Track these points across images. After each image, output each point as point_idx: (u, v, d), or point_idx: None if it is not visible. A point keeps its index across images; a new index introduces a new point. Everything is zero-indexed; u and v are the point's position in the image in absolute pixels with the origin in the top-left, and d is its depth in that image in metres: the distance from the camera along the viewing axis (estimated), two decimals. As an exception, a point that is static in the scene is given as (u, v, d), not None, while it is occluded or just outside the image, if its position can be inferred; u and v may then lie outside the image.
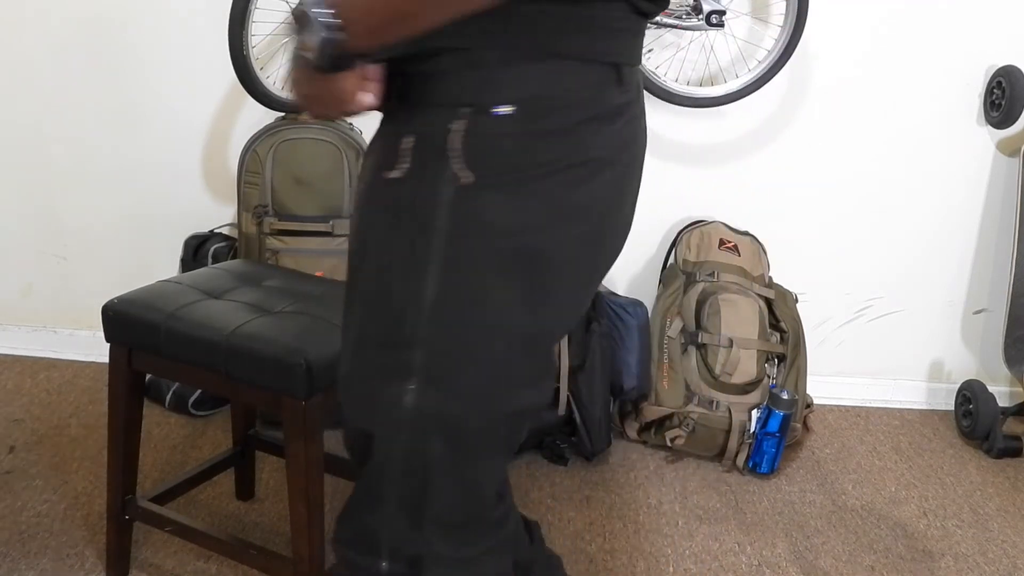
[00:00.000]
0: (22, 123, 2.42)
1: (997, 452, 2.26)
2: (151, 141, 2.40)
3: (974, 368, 2.56)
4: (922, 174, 2.38)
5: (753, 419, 2.11)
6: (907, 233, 2.44)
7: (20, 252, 2.53)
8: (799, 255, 2.44)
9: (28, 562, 1.67)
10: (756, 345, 2.17)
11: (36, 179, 2.46)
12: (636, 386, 2.14)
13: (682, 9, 2.06)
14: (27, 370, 2.47)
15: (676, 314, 2.24)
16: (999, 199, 2.39)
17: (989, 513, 2.03)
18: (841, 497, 2.06)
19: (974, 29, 2.25)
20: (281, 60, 2.22)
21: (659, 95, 2.16)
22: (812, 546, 1.87)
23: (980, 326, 2.53)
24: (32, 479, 1.94)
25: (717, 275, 2.26)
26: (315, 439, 1.36)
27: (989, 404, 2.29)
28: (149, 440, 2.11)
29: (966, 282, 2.49)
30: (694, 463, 2.18)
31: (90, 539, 1.74)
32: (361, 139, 2.17)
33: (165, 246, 2.46)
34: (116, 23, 2.30)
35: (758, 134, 2.35)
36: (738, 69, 2.24)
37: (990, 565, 1.83)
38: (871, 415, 2.50)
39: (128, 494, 1.56)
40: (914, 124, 2.33)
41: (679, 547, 1.83)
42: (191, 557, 1.69)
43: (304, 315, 1.42)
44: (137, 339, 1.44)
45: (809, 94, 2.32)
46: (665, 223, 2.44)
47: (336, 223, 2.08)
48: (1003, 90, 2.21)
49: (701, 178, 2.39)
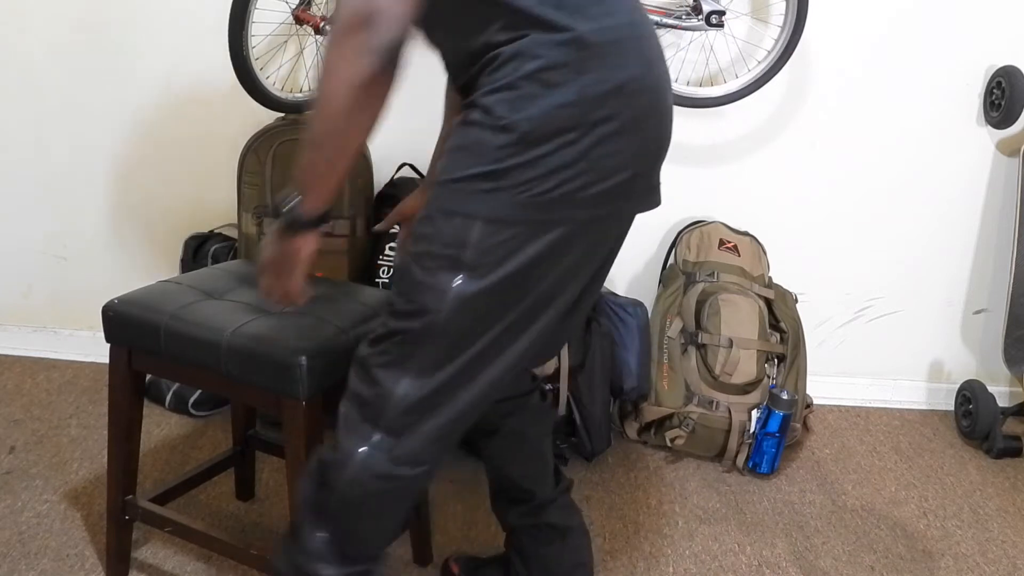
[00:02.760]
0: (22, 123, 2.42)
1: (997, 452, 2.26)
2: (151, 141, 2.40)
3: (974, 368, 2.56)
4: (922, 174, 2.38)
5: (753, 419, 2.11)
6: (907, 233, 2.44)
7: (20, 252, 2.53)
8: (799, 255, 2.44)
9: (28, 562, 1.67)
10: (756, 345, 2.17)
11: (36, 179, 2.46)
12: (636, 386, 2.14)
13: (682, 9, 2.06)
14: (27, 370, 2.47)
15: (676, 314, 2.24)
16: (999, 199, 2.39)
17: (989, 513, 2.03)
18: (841, 497, 2.06)
19: (974, 29, 2.25)
20: (281, 60, 2.22)
21: (659, 95, 2.16)
22: (812, 546, 1.87)
23: (980, 326, 2.53)
24: (32, 479, 1.94)
25: (717, 275, 2.26)
26: (315, 439, 1.36)
27: (989, 404, 2.29)
28: (149, 440, 2.11)
29: (966, 282, 2.49)
30: (694, 463, 2.18)
31: (90, 539, 1.74)
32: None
33: (165, 246, 2.46)
34: (116, 23, 2.30)
35: (758, 134, 2.35)
36: (738, 69, 2.24)
37: (990, 565, 1.83)
38: (871, 415, 2.50)
39: (128, 494, 1.56)
40: (914, 124, 2.33)
41: (679, 547, 1.83)
42: (191, 557, 1.69)
43: (304, 315, 1.42)
44: (137, 339, 1.44)
45: (809, 94, 2.32)
46: (665, 223, 2.44)
47: (336, 223, 2.08)
48: (1003, 90, 2.21)
49: (701, 178, 2.39)
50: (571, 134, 1.02)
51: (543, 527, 1.47)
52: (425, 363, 1.12)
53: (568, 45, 1.01)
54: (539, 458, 1.48)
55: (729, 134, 2.35)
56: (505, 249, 1.05)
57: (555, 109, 1.01)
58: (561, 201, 1.04)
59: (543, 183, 1.03)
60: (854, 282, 2.49)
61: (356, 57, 0.99)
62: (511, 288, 1.08)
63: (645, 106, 1.07)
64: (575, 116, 1.02)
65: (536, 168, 1.02)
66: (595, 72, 1.02)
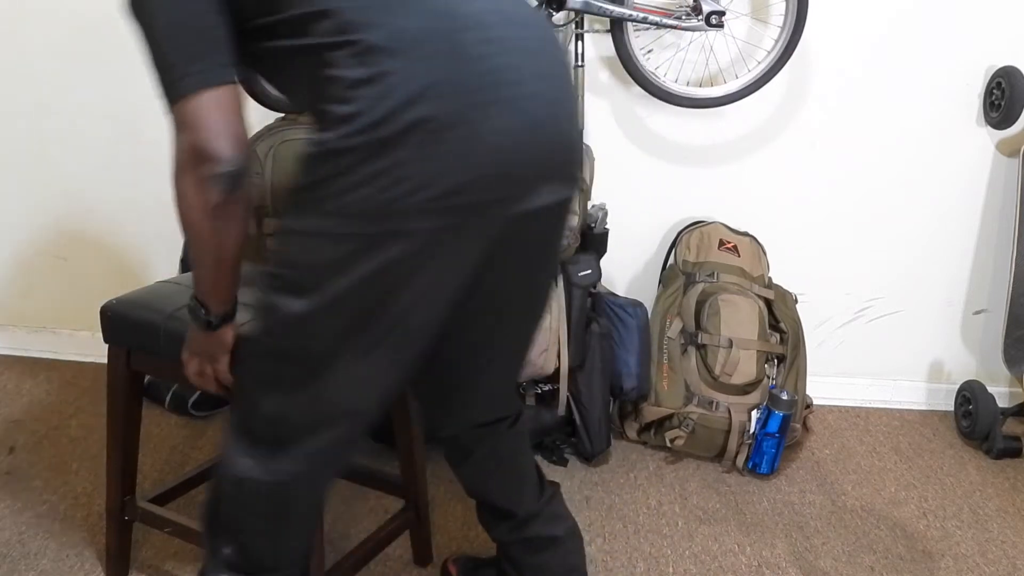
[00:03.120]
0: (22, 123, 2.42)
1: (997, 453, 2.25)
2: (151, 141, 2.40)
3: (974, 368, 2.56)
4: (922, 174, 2.38)
5: (753, 420, 2.11)
6: (907, 233, 2.44)
7: (20, 252, 2.53)
8: (799, 255, 2.44)
9: (28, 562, 1.67)
10: (756, 346, 2.17)
11: (36, 179, 2.46)
12: (636, 386, 2.14)
13: (682, 10, 2.06)
14: (27, 370, 2.47)
15: (676, 315, 2.24)
16: (999, 199, 2.39)
17: (989, 514, 2.03)
18: (841, 498, 2.06)
19: (974, 30, 2.24)
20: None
21: (659, 96, 2.16)
22: (812, 547, 1.86)
23: (980, 326, 2.53)
24: (32, 479, 1.94)
25: (717, 276, 2.26)
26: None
27: (989, 404, 2.29)
28: (149, 441, 2.11)
29: (966, 282, 2.49)
30: (694, 464, 2.18)
31: (90, 539, 1.74)
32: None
33: (165, 246, 2.46)
34: (117, 23, 2.30)
35: (758, 134, 2.35)
36: (738, 70, 2.24)
37: (990, 566, 1.83)
38: (871, 416, 2.50)
39: (127, 495, 1.56)
40: (914, 124, 2.33)
41: (679, 548, 1.83)
42: (191, 558, 1.69)
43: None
44: (136, 340, 1.44)
45: (809, 95, 2.32)
46: (665, 224, 2.44)
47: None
48: (1003, 91, 2.21)
49: (701, 179, 2.39)
50: (379, 145, 0.96)
51: (531, 539, 1.44)
52: (285, 380, 1.11)
53: (364, 55, 0.96)
54: (515, 476, 1.44)
55: (729, 134, 2.35)
56: (334, 266, 1.01)
57: (361, 121, 0.96)
58: (387, 212, 0.98)
59: (356, 193, 0.97)
60: (854, 282, 2.49)
61: (199, 191, 1.01)
62: (346, 307, 1.04)
63: (467, 105, 0.98)
64: (383, 125, 0.96)
65: (349, 178, 0.97)
66: (393, 77, 0.95)
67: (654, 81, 2.14)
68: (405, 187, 0.97)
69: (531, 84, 1.03)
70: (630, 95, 2.30)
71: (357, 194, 0.97)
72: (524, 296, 1.27)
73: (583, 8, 2.01)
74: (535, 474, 1.46)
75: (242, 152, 1.01)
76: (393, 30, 0.97)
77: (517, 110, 1.01)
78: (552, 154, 1.08)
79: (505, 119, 1.00)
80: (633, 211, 2.39)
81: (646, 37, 2.21)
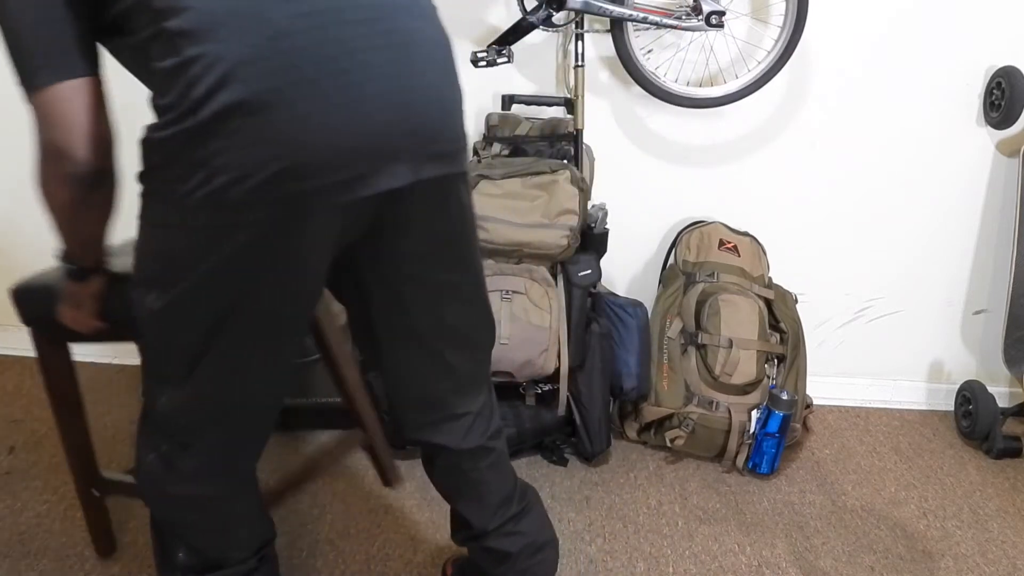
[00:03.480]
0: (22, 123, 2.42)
1: (997, 453, 2.26)
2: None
3: (974, 368, 2.56)
4: (922, 175, 2.38)
5: (753, 420, 2.11)
6: (907, 233, 2.44)
7: (20, 252, 2.53)
8: (799, 255, 2.44)
9: (28, 562, 1.67)
10: (756, 346, 2.17)
11: (36, 179, 2.46)
12: (636, 386, 2.14)
13: (682, 10, 2.06)
14: (27, 370, 2.47)
15: (676, 315, 2.24)
16: (999, 199, 2.39)
17: (989, 514, 2.03)
18: (841, 498, 2.06)
19: (974, 30, 2.24)
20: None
21: (659, 96, 2.16)
22: (812, 546, 1.86)
23: (980, 326, 2.53)
24: (32, 479, 1.94)
25: (717, 276, 2.26)
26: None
27: (989, 404, 2.29)
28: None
29: (966, 282, 2.49)
30: (694, 464, 2.18)
31: (90, 539, 1.74)
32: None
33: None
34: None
35: (758, 135, 2.35)
36: (738, 70, 2.24)
37: (990, 566, 1.83)
38: (871, 416, 2.50)
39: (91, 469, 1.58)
40: (914, 125, 2.33)
41: (679, 548, 1.83)
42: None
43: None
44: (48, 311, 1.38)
45: (809, 95, 2.32)
46: (665, 224, 2.44)
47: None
48: (1003, 91, 2.21)
49: (701, 178, 2.39)
50: (194, 136, 0.93)
51: (488, 550, 1.44)
52: (167, 375, 1.11)
53: (173, 42, 0.92)
54: (474, 494, 1.41)
55: (729, 134, 2.35)
56: (184, 258, 1.00)
57: (175, 112, 0.94)
58: (217, 205, 0.94)
59: (185, 185, 0.95)
60: (854, 282, 2.49)
61: (58, 187, 1.02)
62: (203, 300, 1.02)
63: (281, 84, 0.92)
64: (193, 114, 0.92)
65: (175, 171, 0.95)
66: (199, 62, 0.91)
67: (654, 81, 2.14)
68: (226, 178, 0.92)
69: (367, 56, 0.95)
70: (630, 95, 2.30)
71: (186, 186, 0.94)
72: (437, 285, 1.18)
73: (583, 8, 2.01)
74: (503, 491, 1.43)
75: (100, 151, 1.01)
76: (202, 12, 0.91)
77: (345, 85, 0.94)
78: (403, 132, 1.00)
79: (333, 98, 0.93)
80: (633, 211, 2.39)
81: (646, 37, 2.20)
